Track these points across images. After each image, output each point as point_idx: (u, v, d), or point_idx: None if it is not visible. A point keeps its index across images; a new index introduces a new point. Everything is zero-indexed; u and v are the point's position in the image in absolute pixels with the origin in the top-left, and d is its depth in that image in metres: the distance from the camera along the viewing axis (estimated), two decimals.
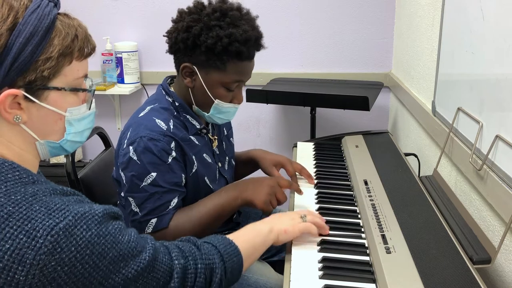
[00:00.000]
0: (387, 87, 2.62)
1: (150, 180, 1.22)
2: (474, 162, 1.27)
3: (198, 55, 1.25)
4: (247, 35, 1.24)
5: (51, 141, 0.85)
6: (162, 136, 1.23)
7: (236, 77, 1.29)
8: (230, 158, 1.53)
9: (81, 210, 0.77)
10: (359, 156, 1.64)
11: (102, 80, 2.72)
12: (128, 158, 1.22)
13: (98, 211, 0.79)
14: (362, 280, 1.00)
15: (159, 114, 1.28)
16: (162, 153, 1.22)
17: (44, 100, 0.80)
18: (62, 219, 0.74)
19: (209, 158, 1.39)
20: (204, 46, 1.23)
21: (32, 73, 0.78)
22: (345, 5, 2.57)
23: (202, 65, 1.27)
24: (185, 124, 1.33)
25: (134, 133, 1.24)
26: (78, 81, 0.85)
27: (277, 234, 1.09)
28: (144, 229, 1.22)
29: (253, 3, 2.53)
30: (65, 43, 0.80)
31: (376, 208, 1.24)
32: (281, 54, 2.66)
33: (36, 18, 0.77)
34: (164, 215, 1.22)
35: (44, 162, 2.77)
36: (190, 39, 1.24)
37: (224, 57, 1.24)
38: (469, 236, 1.13)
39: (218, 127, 1.50)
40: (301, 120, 2.73)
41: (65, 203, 0.77)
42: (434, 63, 1.73)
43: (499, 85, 1.17)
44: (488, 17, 1.24)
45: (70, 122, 0.86)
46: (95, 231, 0.76)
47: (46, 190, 0.78)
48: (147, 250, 0.85)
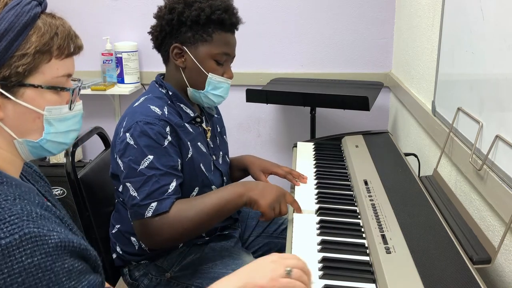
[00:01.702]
0: (387, 87, 2.62)
1: (147, 163, 1.23)
2: (474, 162, 1.27)
3: (185, 33, 1.33)
4: (226, 4, 1.34)
5: (29, 140, 0.82)
6: (158, 120, 1.27)
7: (223, 49, 1.35)
8: (224, 154, 1.55)
9: (33, 231, 0.69)
10: (359, 156, 1.64)
11: (102, 80, 2.72)
12: (125, 144, 1.24)
13: (52, 240, 0.71)
14: (362, 280, 1.00)
15: (154, 101, 1.33)
16: (158, 136, 1.25)
17: (20, 97, 0.78)
18: (8, 235, 0.68)
19: (204, 147, 1.41)
20: (189, 21, 1.31)
21: (7, 68, 0.76)
22: (345, 5, 2.57)
23: (190, 42, 1.34)
24: (179, 112, 1.36)
25: (130, 120, 1.27)
26: (58, 80, 0.82)
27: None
28: (144, 213, 1.22)
29: (253, 3, 2.53)
30: (43, 40, 0.79)
31: (376, 208, 1.24)
32: (281, 54, 2.66)
33: (14, 15, 0.77)
34: (165, 199, 1.23)
35: (44, 162, 2.77)
36: (175, 18, 1.32)
37: (209, 29, 1.33)
38: (469, 236, 1.13)
39: (212, 122, 1.52)
40: (301, 120, 2.73)
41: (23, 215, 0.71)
42: (434, 63, 1.73)
43: (499, 85, 1.17)
44: (488, 17, 1.24)
45: (49, 121, 0.83)
46: (37, 260, 0.68)
47: (10, 194, 0.74)
48: None
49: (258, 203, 1.25)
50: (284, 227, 1.64)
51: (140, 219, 1.23)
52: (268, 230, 1.65)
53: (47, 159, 2.80)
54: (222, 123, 1.62)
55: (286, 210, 1.29)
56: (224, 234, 1.50)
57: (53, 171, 2.68)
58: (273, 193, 1.27)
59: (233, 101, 2.70)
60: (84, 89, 2.58)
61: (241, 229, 1.62)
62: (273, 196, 1.26)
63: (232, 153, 1.67)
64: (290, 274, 0.91)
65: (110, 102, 2.83)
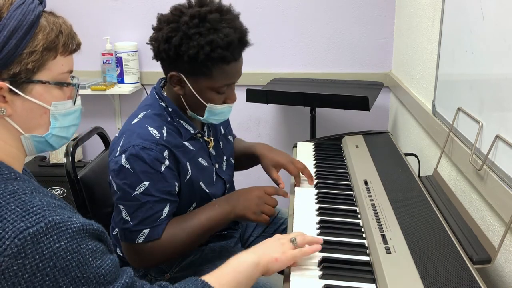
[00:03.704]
0: (387, 87, 2.62)
1: (143, 189, 1.21)
2: (474, 162, 1.27)
3: (183, 64, 1.23)
4: (228, 39, 1.20)
5: (36, 135, 0.86)
6: (155, 145, 1.23)
7: (224, 81, 1.26)
8: (228, 157, 1.52)
9: (56, 219, 0.74)
10: (359, 156, 1.64)
11: (102, 80, 2.72)
12: (119, 166, 1.21)
13: (74, 224, 0.76)
14: (362, 280, 1.00)
15: (153, 121, 1.28)
16: (154, 162, 1.22)
17: (28, 93, 0.82)
18: (34, 224, 0.72)
19: (205, 161, 1.38)
20: (186, 56, 1.20)
21: (17, 65, 0.79)
22: (345, 5, 2.57)
23: (189, 73, 1.25)
24: (179, 129, 1.32)
25: (127, 141, 1.23)
26: (62, 76, 0.86)
27: (266, 265, 1.03)
28: (135, 239, 1.22)
29: (253, 3, 2.53)
30: (50, 38, 0.82)
31: (376, 208, 1.24)
32: (281, 54, 2.66)
33: (21, 13, 0.79)
34: (157, 226, 1.23)
35: (44, 162, 2.77)
36: (172, 50, 1.21)
37: (209, 64, 1.21)
38: (469, 236, 1.13)
39: (214, 127, 1.50)
40: (301, 120, 2.73)
41: (43, 206, 0.75)
42: (434, 63, 1.73)
43: (499, 85, 1.17)
44: (488, 17, 1.24)
45: (55, 116, 0.87)
46: (64, 244, 0.73)
47: (27, 188, 0.77)
48: (117, 284, 0.79)
49: (245, 216, 1.29)
50: (284, 227, 1.63)
51: (130, 243, 1.24)
52: (268, 230, 1.65)
53: (47, 159, 2.80)
54: (227, 123, 1.57)
55: (273, 202, 1.31)
56: (224, 235, 1.50)
57: (53, 171, 2.68)
58: (252, 200, 1.29)
59: None
60: (84, 89, 2.58)
61: (241, 230, 1.62)
62: (254, 203, 1.29)
63: None
64: (295, 242, 1.07)
65: (110, 102, 2.83)
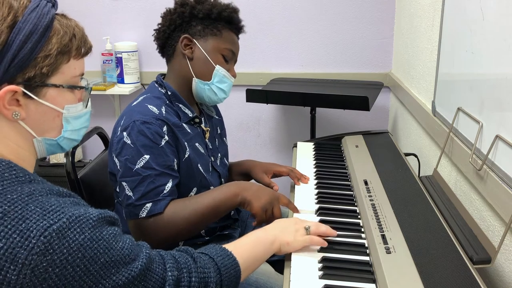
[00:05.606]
0: (387, 87, 2.62)
1: (143, 162, 1.23)
2: (474, 162, 1.27)
3: (195, 26, 1.38)
4: (234, 6, 1.44)
5: (48, 138, 0.87)
6: (155, 119, 1.27)
7: (230, 46, 1.41)
8: (222, 155, 1.55)
9: (76, 213, 0.77)
10: (359, 156, 1.64)
11: (102, 80, 2.72)
12: (122, 143, 1.25)
13: (93, 215, 0.79)
14: (362, 280, 1.00)
15: (152, 101, 1.33)
16: (155, 135, 1.25)
17: (42, 97, 0.82)
18: (56, 221, 0.74)
19: (202, 148, 1.41)
20: (201, 13, 1.37)
21: (32, 69, 0.80)
22: (345, 5, 2.57)
23: (200, 35, 1.39)
24: (178, 112, 1.37)
25: (128, 119, 1.27)
26: (75, 79, 0.87)
27: (279, 246, 1.09)
28: (138, 213, 1.22)
29: (253, 3, 2.53)
30: (64, 41, 0.83)
31: (376, 208, 1.24)
32: (281, 54, 2.66)
33: (36, 17, 0.80)
34: (160, 200, 1.23)
35: (44, 162, 2.77)
36: (187, 11, 1.38)
37: (219, 24, 1.39)
38: (469, 236, 1.13)
39: (211, 123, 1.53)
40: (301, 120, 2.73)
41: (60, 204, 0.77)
42: (434, 63, 1.73)
43: (499, 85, 1.17)
44: (488, 17, 1.24)
45: (67, 119, 0.88)
46: (88, 234, 0.76)
47: (42, 190, 0.79)
48: (140, 259, 0.83)
49: (252, 204, 1.25)
50: None
51: (134, 219, 1.24)
52: None
53: (47, 159, 2.80)
54: (222, 125, 1.62)
55: (279, 213, 1.28)
56: (224, 234, 1.50)
57: (53, 171, 2.68)
58: (266, 196, 1.27)
59: (233, 101, 2.70)
60: None
61: (241, 229, 1.62)
62: (266, 198, 1.26)
63: (232, 153, 1.67)
64: (309, 231, 1.12)
65: (110, 102, 2.83)
